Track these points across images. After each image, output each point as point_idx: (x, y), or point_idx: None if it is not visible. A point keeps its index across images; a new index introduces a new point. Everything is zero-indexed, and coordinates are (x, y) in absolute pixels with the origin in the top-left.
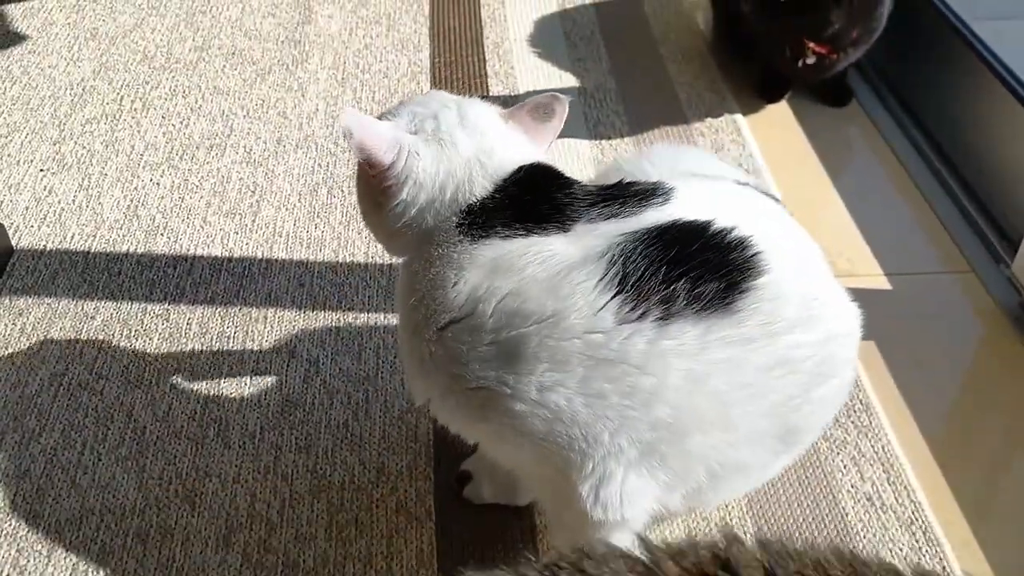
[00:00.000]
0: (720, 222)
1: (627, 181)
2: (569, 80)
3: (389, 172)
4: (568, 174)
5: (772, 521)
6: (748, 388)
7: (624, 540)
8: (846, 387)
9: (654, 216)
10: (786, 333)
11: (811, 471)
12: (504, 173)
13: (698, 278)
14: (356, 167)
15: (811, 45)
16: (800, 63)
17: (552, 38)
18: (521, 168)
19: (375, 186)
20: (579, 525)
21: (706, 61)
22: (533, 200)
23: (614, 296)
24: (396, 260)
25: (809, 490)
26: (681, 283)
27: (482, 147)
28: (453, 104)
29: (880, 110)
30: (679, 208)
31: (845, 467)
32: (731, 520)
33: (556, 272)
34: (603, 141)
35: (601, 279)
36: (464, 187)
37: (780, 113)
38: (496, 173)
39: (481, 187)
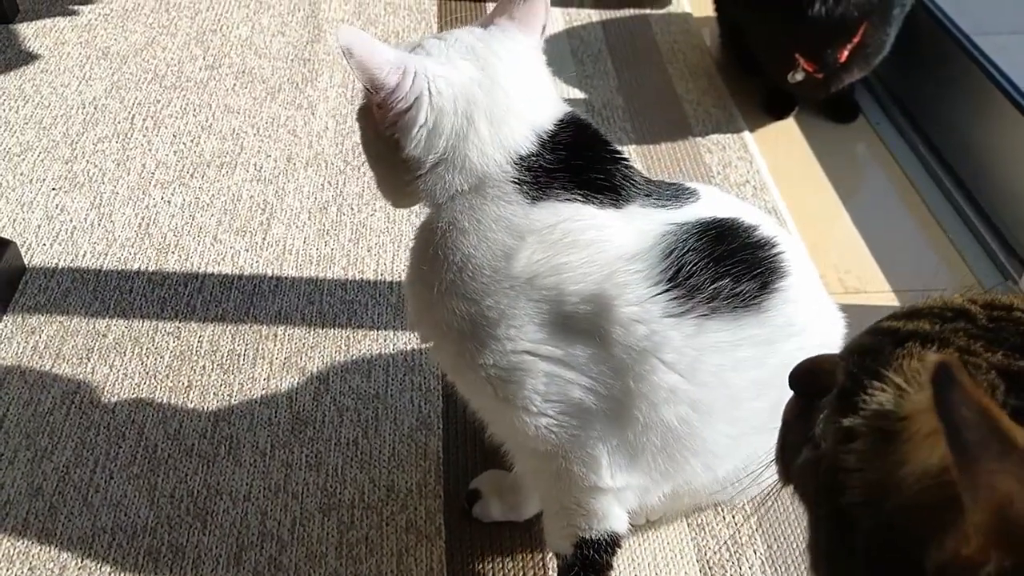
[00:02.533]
0: (748, 219)
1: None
2: (577, 97)
3: (395, 94)
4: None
5: (782, 539)
6: (760, 386)
7: (618, 514)
8: None
9: (693, 211)
10: (798, 335)
11: None
12: (543, 120)
13: (739, 276)
14: (358, 112)
15: (802, 61)
16: (789, 77)
17: (560, 56)
18: (565, 123)
19: (384, 121)
20: (573, 500)
21: (713, 78)
22: (587, 165)
23: (666, 290)
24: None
25: None
26: (726, 281)
27: (500, 71)
28: (477, 31)
29: (887, 126)
30: (708, 206)
31: None
32: (740, 536)
33: (617, 256)
34: None
35: (656, 269)
36: (496, 118)
37: (787, 130)
38: (529, 113)
39: (519, 131)
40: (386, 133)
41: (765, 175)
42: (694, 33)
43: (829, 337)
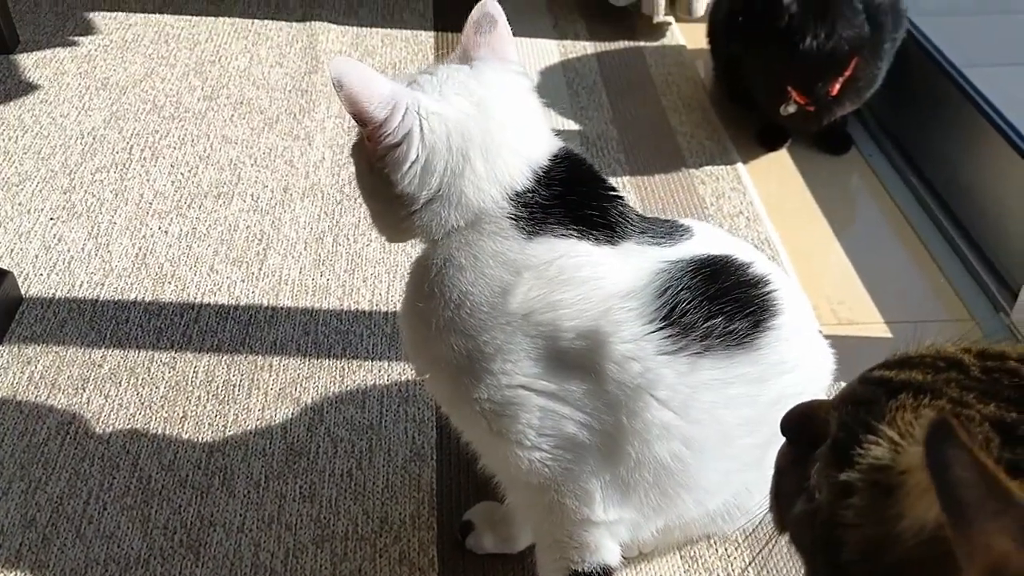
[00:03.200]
0: (742, 257)
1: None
2: (571, 128)
3: (383, 128)
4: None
5: (775, 572)
6: (752, 423)
7: (610, 547)
8: None
9: (687, 248)
10: (790, 373)
11: None
12: (538, 155)
13: (732, 315)
14: (352, 148)
15: (794, 94)
16: (781, 109)
17: (555, 87)
18: (560, 158)
19: (375, 155)
20: (565, 533)
21: (706, 110)
22: (583, 202)
23: (660, 328)
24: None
25: None
26: (719, 319)
27: (494, 106)
28: (469, 66)
29: (879, 158)
30: (702, 243)
31: None
32: (732, 569)
33: (612, 293)
34: None
35: (650, 307)
36: (491, 154)
37: (780, 161)
38: (524, 148)
39: (515, 166)
40: (378, 167)
41: (758, 206)
42: (688, 65)
43: (819, 373)
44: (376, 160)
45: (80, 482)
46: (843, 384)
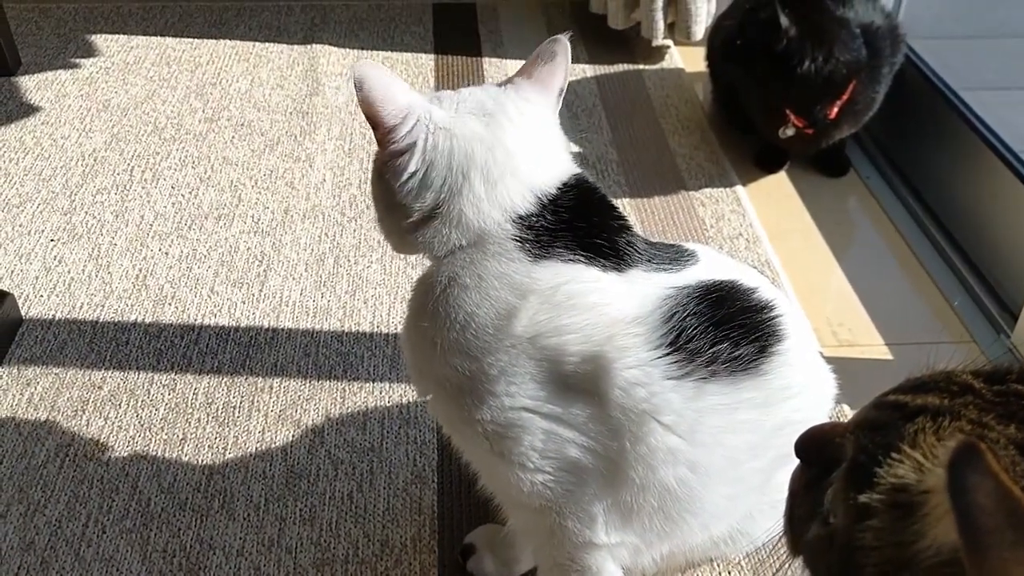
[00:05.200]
0: (747, 282)
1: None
2: (571, 150)
3: (393, 135)
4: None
5: None
6: (757, 447)
7: (612, 570)
8: None
9: (693, 274)
10: (794, 398)
11: None
12: (545, 182)
13: (738, 340)
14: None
15: (792, 117)
16: (780, 132)
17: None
18: (569, 187)
19: (381, 158)
20: (567, 556)
21: (706, 133)
22: (592, 230)
23: (667, 354)
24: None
25: None
26: (724, 345)
27: (505, 130)
28: (493, 89)
29: (878, 180)
30: (707, 268)
31: None
32: None
33: (618, 319)
34: None
35: (657, 333)
36: (492, 177)
37: (779, 183)
38: (529, 175)
39: (517, 192)
40: (383, 173)
41: (758, 228)
42: (687, 88)
43: (823, 398)
44: (382, 165)
45: (79, 505)
46: (845, 407)
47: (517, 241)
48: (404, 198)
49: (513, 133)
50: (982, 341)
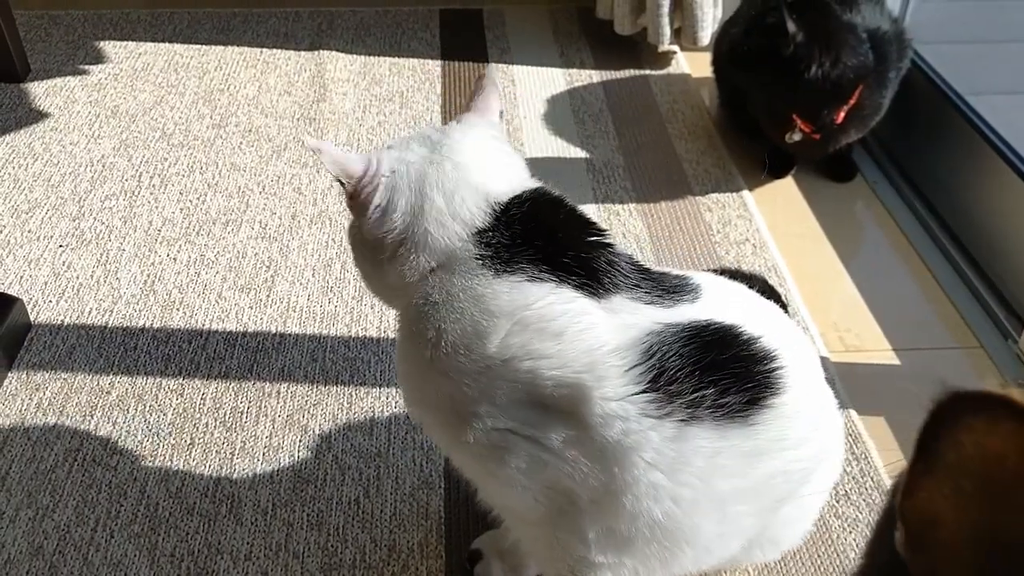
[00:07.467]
0: (749, 329)
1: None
2: (578, 156)
3: (363, 181)
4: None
5: None
6: (748, 492)
7: None
8: (819, 496)
9: (688, 311)
10: (792, 449)
11: (823, 549)
12: (498, 193)
13: (726, 388)
14: (348, 230)
15: (799, 123)
16: (786, 137)
17: (561, 115)
18: (523, 199)
19: (354, 208)
20: (568, 568)
21: (712, 138)
22: (557, 246)
23: (644, 391)
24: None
25: (822, 570)
26: (710, 391)
27: (452, 149)
28: (438, 125)
29: (885, 185)
30: (708, 307)
31: (858, 545)
32: None
33: (595, 347)
34: (611, 217)
35: (636, 368)
36: (448, 189)
37: (786, 188)
38: (482, 185)
39: (473, 202)
40: (358, 228)
41: (764, 233)
42: (693, 93)
43: (827, 451)
44: (357, 220)
45: (88, 509)
46: (852, 412)
47: (479, 259)
48: (374, 228)
49: (459, 150)
50: (990, 346)
